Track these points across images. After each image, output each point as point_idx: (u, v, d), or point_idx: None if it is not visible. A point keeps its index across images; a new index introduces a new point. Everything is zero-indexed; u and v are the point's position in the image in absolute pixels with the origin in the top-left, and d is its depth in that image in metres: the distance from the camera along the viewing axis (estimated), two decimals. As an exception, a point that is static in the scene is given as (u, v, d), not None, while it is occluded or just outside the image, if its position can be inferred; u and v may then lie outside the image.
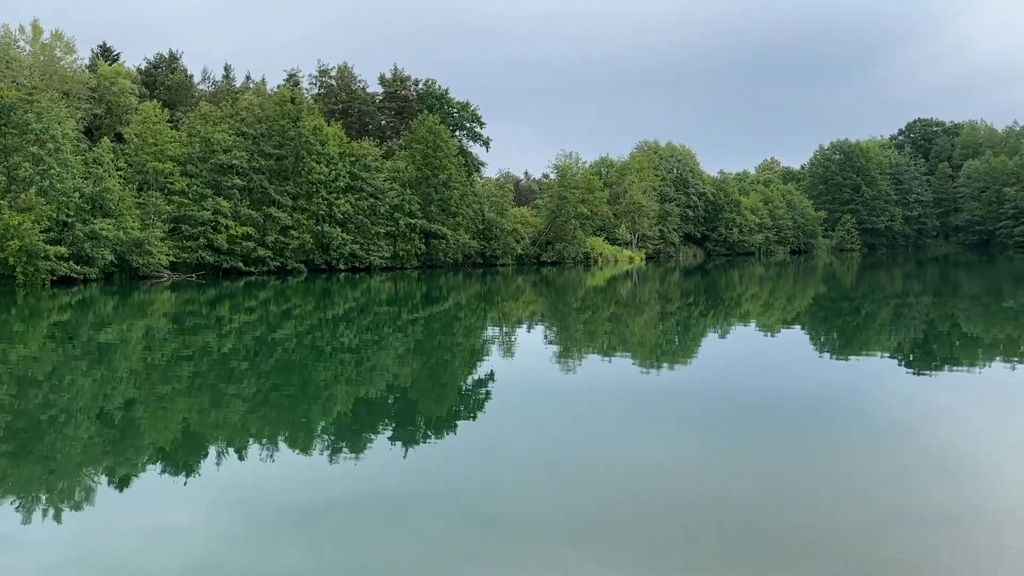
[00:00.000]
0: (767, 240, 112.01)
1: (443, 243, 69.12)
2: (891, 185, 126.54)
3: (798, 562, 6.62)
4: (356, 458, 10.46)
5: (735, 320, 29.33)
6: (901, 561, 6.49)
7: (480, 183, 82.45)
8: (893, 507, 7.83)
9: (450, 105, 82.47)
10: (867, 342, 22.46)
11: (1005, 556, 6.49)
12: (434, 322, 28.84)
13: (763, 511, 7.87)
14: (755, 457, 10.03)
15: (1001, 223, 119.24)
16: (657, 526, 7.61)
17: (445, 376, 17.42)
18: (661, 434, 11.35)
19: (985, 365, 17.81)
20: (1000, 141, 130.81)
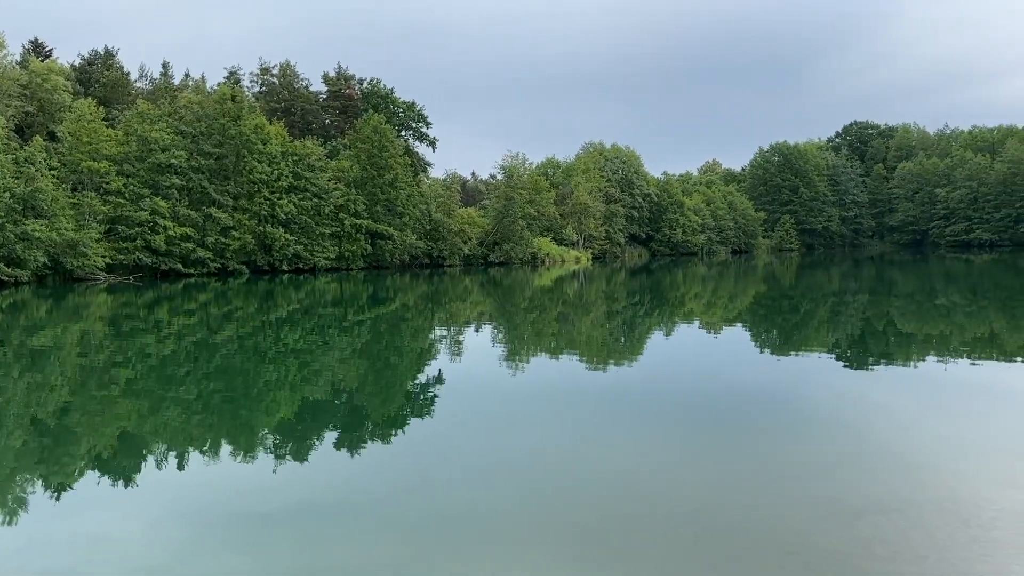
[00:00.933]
0: (709, 240, 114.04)
1: (389, 244, 68.52)
2: (828, 186, 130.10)
3: (737, 555, 6.71)
4: (302, 462, 10.23)
5: (679, 319, 29.72)
6: (836, 553, 6.61)
7: (427, 183, 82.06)
8: (829, 500, 8.01)
9: (395, 105, 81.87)
10: (806, 340, 22.97)
11: (934, 546, 6.67)
12: (381, 323, 28.53)
13: (704, 507, 7.98)
14: (697, 453, 10.17)
15: (933, 223, 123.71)
16: (600, 522, 7.63)
17: (392, 378, 17.22)
18: (607, 432, 11.38)
19: (919, 361, 18.38)
20: (932, 143, 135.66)
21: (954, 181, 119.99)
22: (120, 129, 57.25)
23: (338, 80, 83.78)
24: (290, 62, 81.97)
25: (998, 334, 22.93)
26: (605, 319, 29.85)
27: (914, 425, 11.65)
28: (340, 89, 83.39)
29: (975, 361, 17.73)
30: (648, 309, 33.98)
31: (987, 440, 10.50)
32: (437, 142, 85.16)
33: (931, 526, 7.15)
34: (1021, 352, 19.17)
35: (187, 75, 78.09)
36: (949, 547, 6.66)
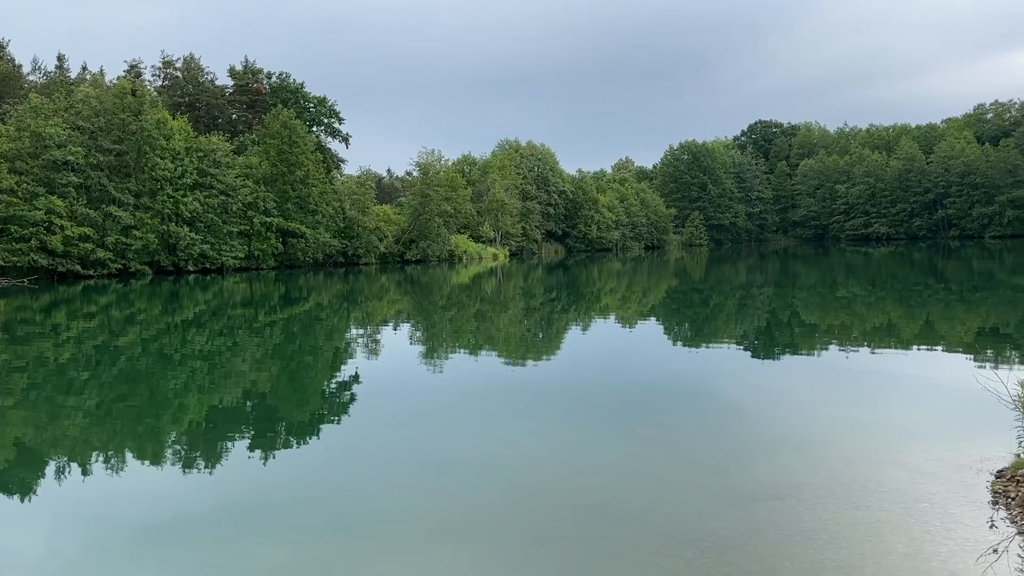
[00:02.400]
0: (623, 236, 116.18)
1: (302, 242, 67.05)
2: (735, 183, 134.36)
3: (639, 544, 6.91)
4: (212, 469, 9.93)
5: (595, 314, 30.22)
6: (731, 539, 6.88)
7: (340, 180, 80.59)
8: (727, 487, 8.34)
9: (306, 99, 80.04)
10: (715, 332, 23.72)
11: (824, 528, 7.01)
12: (294, 324, 27.93)
13: (611, 498, 8.19)
14: (607, 446, 10.40)
15: (834, 218, 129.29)
16: (509, 517, 7.74)
17: (306, 379, 16.90)
18: (523, 428, 11.49)
19: (821, 350, 19.23)
20: (832, 142, 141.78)
21: (853, 178, 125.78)
22: (11, 124, 54.06)
23: (245, 74, 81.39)
24: (194, 55, 79.16)
25: (895, 323, 24.21)
26: (523, 316, 30.05)
27: (812, 412, 12.19)
28: (247, 83, 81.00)
29: (874, 349, 18.67)
30: (565, 305, 34.40)
31: (878, 424, 11.09)
32: (350, 138, 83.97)
33: (822, 509, 7.51)
34: (916, 340, 20.29)
35: (84, 68, 74.38)
36: (838, 529, 7.00)
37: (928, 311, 27.12)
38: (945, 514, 7.22)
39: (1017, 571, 5.99)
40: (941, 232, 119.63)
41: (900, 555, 6.38)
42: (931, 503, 7.51)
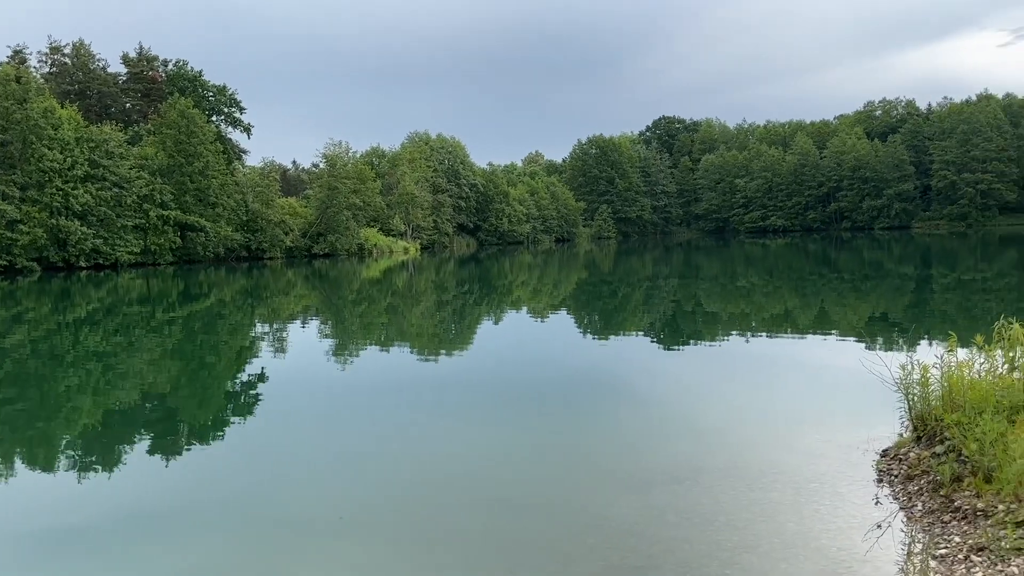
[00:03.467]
0: (534, 229, 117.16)
1: (201, 236, 64.68)
2: (641, 177, 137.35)
3: (542, 532, 7.05)
4: (110, 474, 9.52)
5: (507, 307, 30.41)
6: (632, 524, 7.08)
7: (243, 172, 78.14)
8: (629, 473, 8.59)
9: (205, 88, 77.09)
10: (623, 322, 24.27)
11: (721, 511, 7.30)
12: (194, 321, 26.97)
13: (517, 488, 8.31)
14: (516, 437, 10.53)
15: (734, 211, 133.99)
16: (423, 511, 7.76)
17: (209, 379, 16.37)
18: (433, 422, 11.48)
19: (723, 338, 19.94)
20: (732, 137, 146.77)
21: (752, 172, 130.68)
22: None
23: (140, 61, 77.76)
24: (84, 41, 75.03)
25: (791, 312, 25.33)
26: (435, 309, 29.95)
27: (713, 398, 12.65)
28: (142, 71, 77.43)
29: (771, 337, 19.50)
30: (477, 298, 34.46)
31: (773, 408, 11.62)
32: (252, 128, 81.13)
33: (719, 492, 7.82)
34: (810, 327, 21.28)
35: (-40, 51, 69.56)
36: (734, 511, 7.30)
37: (822, 299, 28.48)
38: (834, 493, 7.62)
39: (900, 544, 6.38)
40: (834, 224, 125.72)
41: (792, 533, 6.70)
42: (821, 483, 7.91)
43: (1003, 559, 5.47)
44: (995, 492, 6.32)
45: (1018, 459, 6.20)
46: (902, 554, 6.19)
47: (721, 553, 6.35)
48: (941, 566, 5.80)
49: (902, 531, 6.65)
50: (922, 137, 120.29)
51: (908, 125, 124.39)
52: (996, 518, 6.03)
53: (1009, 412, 7.15)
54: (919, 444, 8.14)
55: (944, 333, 10.63)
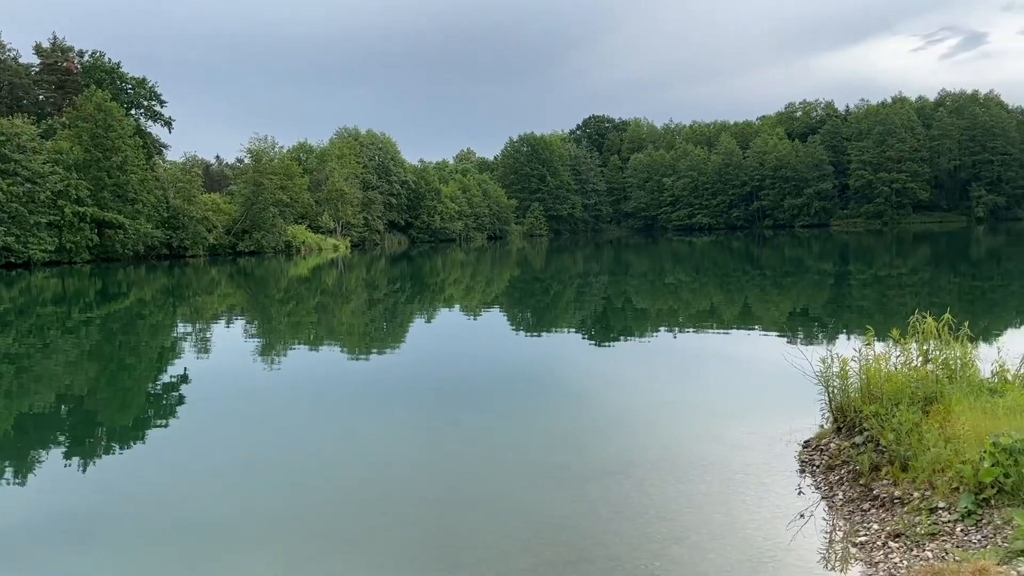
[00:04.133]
0: (467, 227, 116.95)
1: (120, 233, 62.28)
2: (572, 176, 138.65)
3: (477, 529, 7.05)
4: (24, 480, 9.07)
5: (440, 304, 30.26)
6: (565, 518, 7.15)
7: (163, 167, 75.59)
8: (562, 468, 8.66)
9: (123, 80, 74.34)
10: (555, 319, 24.44)
11: (651, 503, 7.42)
12: (113, 322, 25.97)
13: (452, 487, 8.29)
14: (449, 435, 10.51)
15: (662, 209, 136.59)
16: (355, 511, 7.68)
17: (129, 381, 15.78)
18: (367, 421, 11.34)
19: (652, 334, 20.28)
20: (659, 137, 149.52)
21: (679, 171, 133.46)
22: None
23: (54, 52, 74.38)
24: (-8, 27, 71.46)
25: (717, 307, 25.93)
26: (366, 307, 29.57)
27: (643, 392, 12.85)
28: (56, 62, 74.07)
29: (698, 332, 19.92)
30: (410, 296, 34.19)
31: (701, 402, 11.87)
32: (174, 122, 78.66)
33: (649, 484, 7.94)
34: (735, 322, 21.82)
35: None
36: (663, 503, 7.44)
37: (746, 296, 29.26)
38: (759, 484, 7.82)
39: (822, 533, 6.58)
40: (757, 222, 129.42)
41: (719, 524, 6.85)
42: (747, 474, 8.11)
43: (918, 544, 5.70)
44: (911, 480, 6.59)
45: (932, 448, 6.47)
46: (824, 542, 6.38)
47: (651, 545, 6.44)
48: (861, 552, 6.01)
49: (824, 519, 6.86)
50: (840, 138, 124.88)
51: (827, 126, 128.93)
52: (912, 505, 6.28)
53: (923, 403, 7.45)
54: (839, 435, 8.42)
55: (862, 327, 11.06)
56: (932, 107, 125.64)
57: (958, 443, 6.39)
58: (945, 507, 5.96)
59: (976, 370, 8.45)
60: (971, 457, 6.06)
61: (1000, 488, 5.70)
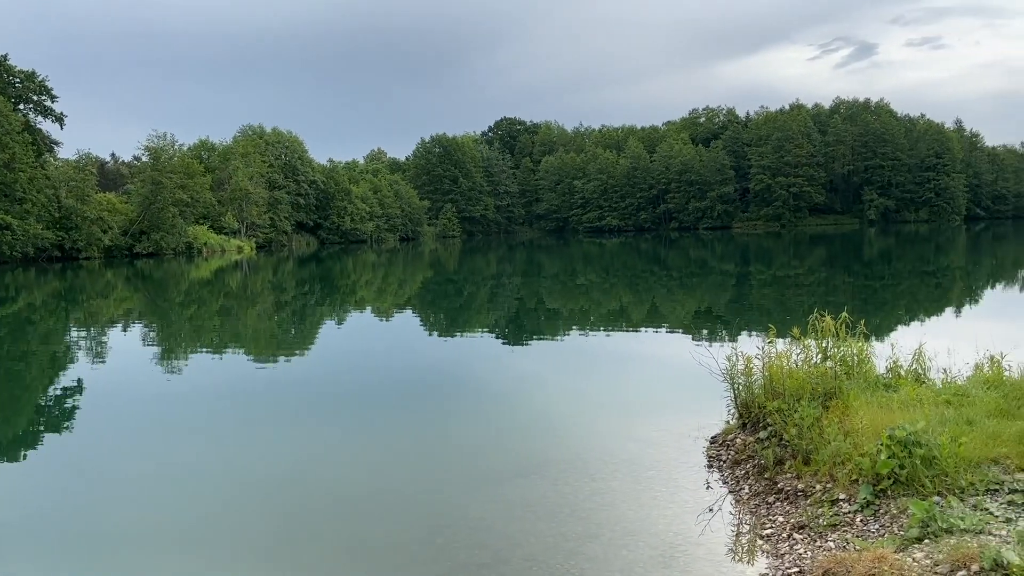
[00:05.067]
0: (378, 228, 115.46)
1: (8, 234, 58.59)
2: (484, 177, 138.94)
3: (393, 534, 6.93)
4: None
5: (352, 307, 29.73)
6: (480, 519, 7.13)
7: (54, 165, 71.58)
8: (477, 470, 8.66)
9: (11, 74, 70.03)
10: (469, 320, 24.39)
11: (565, 502, 7.48)
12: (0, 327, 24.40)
13: (364, 489, 8.19)
14: (361, 438, 10.35)
15: (573, 211, 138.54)
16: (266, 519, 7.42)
17: (17, 389, 14.84)
18: (272, 427, 11.00)
19: (564, 334, 20.48)
20: (570, 140, 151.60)
21: (589, 174, 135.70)
22: None
23: (-70, 38, 69.51)
24: None
25: (626, 307, 26.43)
26: (273, 311, 28.76)
27: (556, 392, 12.94)
28: (-66, 50, 69.21)
29: (608, 332, 20.24)
30: (319, 298, 33.46)
31: (613, 400, 12.05)
32: (66, 118, 74.56)
33: (563, 483, 8.00)
34: (644, 322, 22.27)
35: None
36: (577, 501, 7.50)
37: (654, 296, 29.95)
38: (669, 479, 7.98)
39: (730, 526, 6.76)
40: (663, 224, 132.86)
41: (632, 520, 6.94)
42: (657, 471, 8.27)
43: (821, 535, 5.92)
44: (813, 473, 6.84)
45: (832, 442, 6.73)
46: (732, 535, 6.56)
47: (566, 544, 6.47)
48: (767, 544, 6.20)
49: (731, 513, 7.05)
50: (741, 143, 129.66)
51: (729, 132, 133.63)
52: (814, 497, 6.53)
53: (823, 399, 7.76)
54: (744, 430, 8.68)
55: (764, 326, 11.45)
56: (827, 114, 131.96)
57: (856, 437, 6.67)
58: (845, 498, 6.21)
59: (872, 366, 8.87)
60: (869, 450, 6.34)
61: (896, 479, 5.98)
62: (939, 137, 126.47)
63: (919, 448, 5.92)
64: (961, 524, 5.08)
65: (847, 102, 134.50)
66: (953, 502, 5.50)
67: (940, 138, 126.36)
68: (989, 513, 5.35)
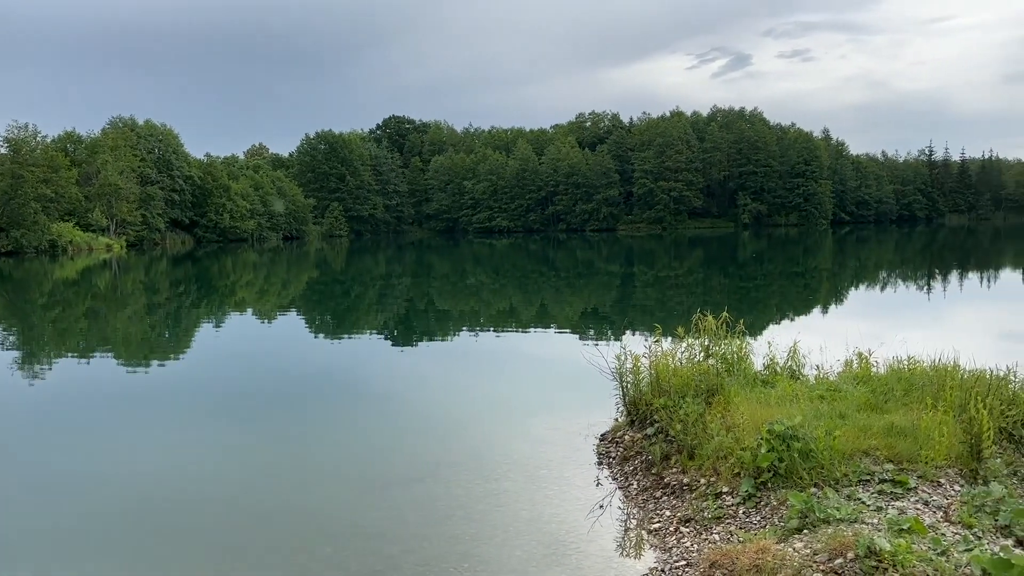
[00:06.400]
0: (260, 226, 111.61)
1: None
2: (372, 176, 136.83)
3: (278, 544, 6.71)
4: None
5: (231, 308, 28.56)
6: (371, 526, 6.97)
7: None
8: (367, 475, 8.47)
9: None
10: (357, 322, 23.92)
11: (458, 504, 7.43)
12: None
13: (247, 498, 7.89)
14: (244, 445, 9.96)
15: (463, 212, 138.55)
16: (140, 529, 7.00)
17: None
18: (150, 433, 10.39)
19: (455, 335, 20.42)
20: (459, 140, 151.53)
21: (479, 175, 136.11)
22: None
23: None
24: None
25: (516, 308, 26.61)
26: (145, 312, 27.26)
27: (447, 394, 12.87)
28: None
29: (499, 332, 20.30)
30: (196, 299, 31.98)
31: (504, 400, 12.09)
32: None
33: (455, 486, 7.93)
34: (534, 322, 22.48)
35: None
36: (470, 503, 7.45)
37: (543, 296, 30.32)
38: (560, 478, 8.04)
39: (619, 522, 6.87)
40: (552, 226, 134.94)
41: (524, 520, 6.95)
42: (549, 469, 8.32)
43: (706, 528, 6.11)
44: (698, 467, 7.05)
45: (715, 437, 6.96)
46: (621, 530, 6.67)
47: (459, 546, 6.41)
48: (654, 538, 6.34)
49: (620, 509, 7.17)
50: (625, 148, 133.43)
51: (614, 137, 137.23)
52: (699, 491, 6.73)
53: (706, 395, 8.02)
54: (633, 427, 8.88)
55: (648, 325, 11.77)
56: (705, 122, 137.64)
57: (738, 431, 6.93)
58: (729, 491, 6.43)
59: (750, 363, 9.26)
60: (750, 444, 6.59)
61: (776, 471, 6.24)
62: (808, 145, 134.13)
63: (796, 442, 6.20)
64: (837, 514, 5.34)
65: (723, 110, 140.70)
66: (829, 493, 5.78)
67: (809, 146, 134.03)
68: (862, 503, 5.66)
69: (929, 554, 4.68)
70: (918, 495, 5.85)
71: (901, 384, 7.97)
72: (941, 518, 5.48)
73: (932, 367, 8.25)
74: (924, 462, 6.27)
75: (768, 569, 4.77)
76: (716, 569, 5.04)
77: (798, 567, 4.72)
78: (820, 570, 4.67)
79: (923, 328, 18.38)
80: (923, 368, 8.38)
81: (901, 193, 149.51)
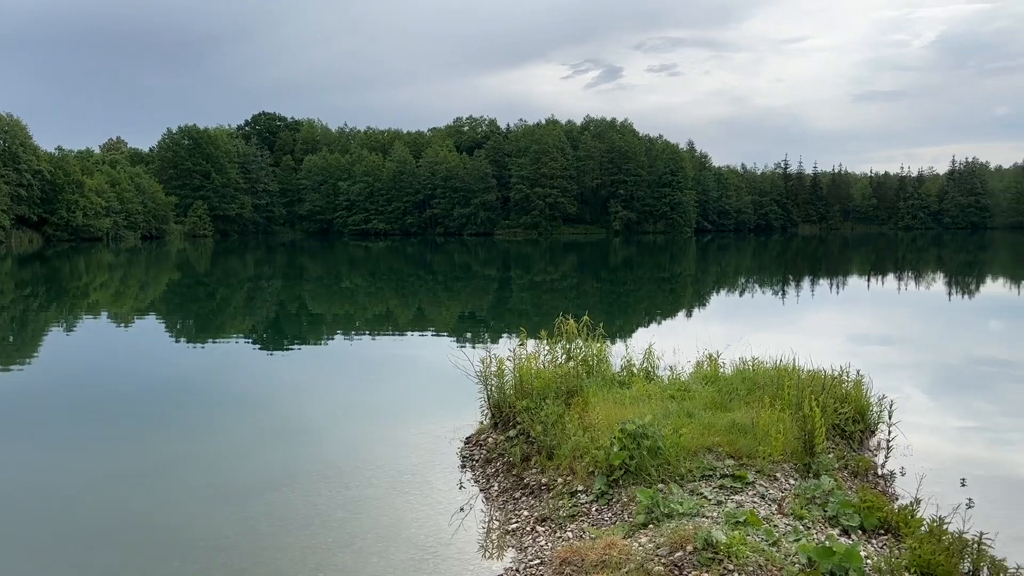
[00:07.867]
0: (116, 225, 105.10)
1: None
2: (240, 174, 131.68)
3: (122, 558, 6.43)
4: None
5: (83, 311, 26.78)
6: (222, 537, 6.75)
7: None
8: (221, 485, 8.19)
9: None
10: (222, 326, 22.98)
11: (317, 513, 7.27)
12: None
13: (91, 509, 7.55)
14: (89, 454, 9.45)
15: (338, 213, 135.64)
16: None
17: None
18: None
19: (328, 339, 20.00)
20: (334, 140, 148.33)
21: (354, 176, 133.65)
22: None
23: None
24: None
25: (392, 311, 26.34)
26: (-18, 316, 25.12)
27: (314, 400, 12.59)
28: None
29: (374, 336, 20.05)
30: (44, 302, 29.76)
31: (373, 405, 11.97)
32: None
33: (315, 494, 7.78)
34: (409, 326, 22.35)
35: None
36: (330, 510, 7.34)
37: (419, 299, 30.17)
38: (424, 482, 8.04)
39: (480, 524, 6.94)
40: (429, 229, 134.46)
41: (386, 526, 6.91)
42: (412, 474, 8.30)
43: (561, 526, 6.27)
44: (556, 467, 7.23)
45: (572, 437, 7.17)
46: (482, 532, 6.74)
47: (315, 556, 6.30)
48: (513, 539, 6.45)
49: (482, 511, 7.25)
50: (502, 153, 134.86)
51: (491, 142, 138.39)
52: (556, 490, 6.90)
53: (566, 396, 8.24)
54: (496, 429, 8.99)
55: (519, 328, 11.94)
56: (579, 130, 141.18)
57: (594, 431, 7.16)
58: (583, 490, 6.64)
59: (609, 365, 9.59)
60: (604, 443, 6.83)
61: (627, 469, 6.49)
62: (674, 156, 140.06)
63: (646, 440, 6.48)
64: (680, 508, 5.62)
65: (596, 120, 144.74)
66: (674, 488, 6.07)
67: (675, 157, 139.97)
68: (704, 497, 5.98)
69: (762, 545, 5.01)
70: (756, 489, 6.24)
71: (745, 384, 8.47)
72: (775, 510, 5.87)
73: (774, 367, 8.82)
74: (763, 457, 6.70)
75: (614, 564, 4.96)
76: (567, 566, 5.19)
77: (641, 561, 4.94)
78: (662, 563, 4.90)
79: (773, 331, 19.58)
80: (766, 368, 8.95)
81: (759, 204, 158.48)
